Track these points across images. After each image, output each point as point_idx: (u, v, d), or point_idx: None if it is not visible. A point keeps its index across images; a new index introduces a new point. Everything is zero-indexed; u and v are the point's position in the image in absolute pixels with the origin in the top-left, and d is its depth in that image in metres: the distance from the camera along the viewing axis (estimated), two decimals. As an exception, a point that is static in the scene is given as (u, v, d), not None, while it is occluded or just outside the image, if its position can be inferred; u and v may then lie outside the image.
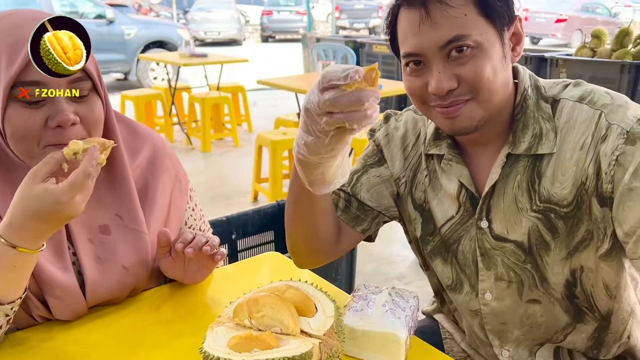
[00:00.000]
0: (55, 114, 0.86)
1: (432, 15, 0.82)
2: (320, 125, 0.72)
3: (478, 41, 0.82)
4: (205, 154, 5.07)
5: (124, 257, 0.99)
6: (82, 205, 0.81)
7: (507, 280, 0.95)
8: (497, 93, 0.86)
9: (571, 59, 4.23)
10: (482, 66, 0.83)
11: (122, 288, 1.00)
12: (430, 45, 0.83)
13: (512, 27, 0.88)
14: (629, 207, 0.81)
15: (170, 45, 8.46)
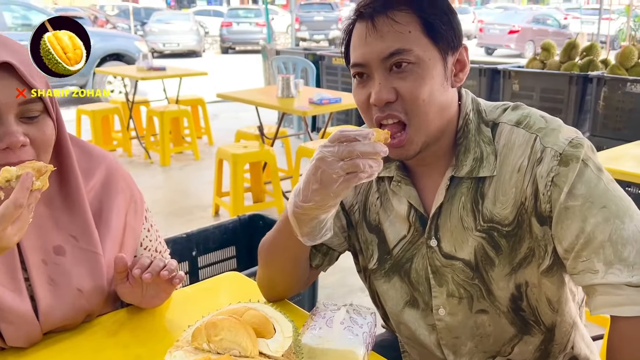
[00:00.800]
0: (4, 136, 0.84)
1: (378, 28, 0.87)
2: (335, 169, 0.80)
3: (419, 57, 0.86)
4: (164, 168, 5.00)
5: (78, 280, 0.97)
6: (16, 237, 0.79)
7: (458, 296, 0.98)
8: (433, 116, 0.89)
9: (522, 71, 4.38)
10: (420, 84, 0.86)
11: (77, 312, 0.98)
12: (374, 56, 0.87)
13: (457, 54, 0.91)
14: (567, 225, 0.86)
15: (128, 57, 8.32)
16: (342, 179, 0.80)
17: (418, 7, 0.87)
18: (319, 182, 0.82)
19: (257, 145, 3.73)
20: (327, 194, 0.83)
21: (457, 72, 0.92)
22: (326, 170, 0.81)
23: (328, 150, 0.81)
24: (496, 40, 15.81)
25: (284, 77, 3.78)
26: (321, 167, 0.82)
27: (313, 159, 0.84)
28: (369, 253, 1.06)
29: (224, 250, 2.43)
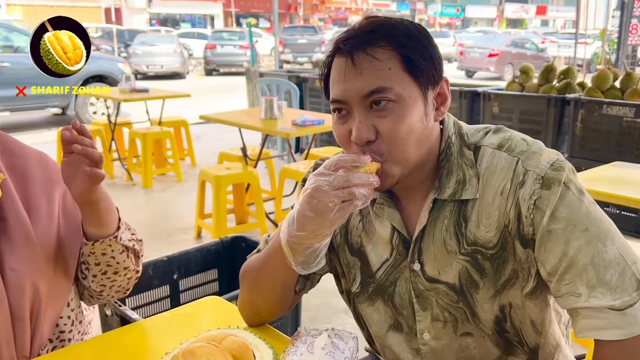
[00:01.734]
0: None
1: (357, 65, 0.86)
2: (331, 198, 0.82)
3: (400, 95, 0.86)
4: (146, 190, 4.96)
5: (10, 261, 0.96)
6: None
7: (443, 320, 0.98)
8: (411, 152, 0.89)
9: (502, 94, 4.47)
10: (399, 123, 0.86)
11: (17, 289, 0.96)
12: (354, 94, 0.86)
13: (438, 88, 0.91)
14: (550, 248, 0.86)
15: (111, 79, 8.30)
16: (337, 207, 0.82)
17: (398, 43, 0.86)
18: (314, 211, 0.83)
19: (240, 167, 3.72)
20: (322, 223, 0.84)
21: (438, 106, 0.92)
22: (322, 199, 0.82)
23: (323, 179, 0.83)
24: (476, 63, 16.12)
25: (267, 99, 3.80)
26: (316, 196, 0.83)
27: (307, 188, 0.84)
28: (351, 277, 1.05)
29: (205, 273, 2.41)
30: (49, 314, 1.01)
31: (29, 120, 8.61)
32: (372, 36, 0.87)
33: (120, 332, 1.09)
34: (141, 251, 1.14)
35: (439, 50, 0.92)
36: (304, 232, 0.85)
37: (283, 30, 19.10)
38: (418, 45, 0.88)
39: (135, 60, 15.21)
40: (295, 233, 0.86)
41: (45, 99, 7.90)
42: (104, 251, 1.04)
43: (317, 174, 0.84)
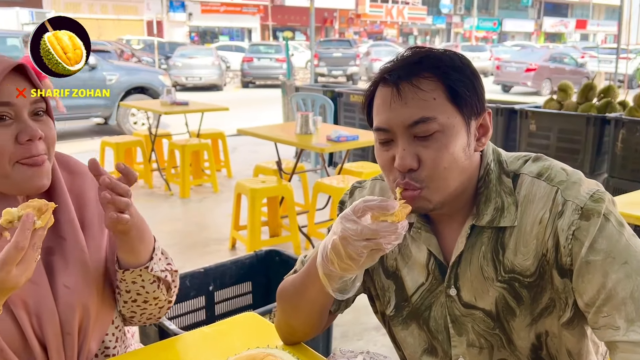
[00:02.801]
0: (25, 130, 0.92)
1: (402, 95, 0.88)
2: (359, 249, 0.84)
3: (444, 124, 0.87)
4: (183, 200, 5.08)
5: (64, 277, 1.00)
6: (22, 277, 0.80)
7: (479, 346, 0.98)
8: (452, 181, 0.90)
9: (540, 112, 4.41)
10: (443, 153, 0.88)
11: (68, 307, 0.99)
12: (398, 123, 0.89)
13: (480, 119, 0.93)
14: (588, 279, 0.86)
15: (152, 90, 8.50)
16: (365, 254, 0.85)
17: (443, 74, 0.88)
18: (343, 257, 0.86)
19: (275, 180, 3.78)
20: (351, 266, 0.87)
21: (479, 137, 0.94)
22: (348, 249, 0.85)
23: (351, 228, 0.84)
24: (513, 78, 15.89)
25: (303, 114, 3.86)
26: (344, 245, 0.85)
27: (335, 233, 0.87)
28: (385, 299, 1.07)
29: (240, 286, 2.46)
30: (97, 330, 1.05)
31: (73, 129, 8.91)
32: (418, 67, 0.89)
33: (160, 346, 1.13)
34: (174, 282, 1.13)
35: (482, 81, 0.94)
36: (335, 269, 0.88)
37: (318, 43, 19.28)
38: (462, 77, 0.89)
39: (174, 72, 15.60)
40: (330, 267, 0.89)
41: (89, 109, 8.17)
42: (134, 280, 1.06)
43: (345, 219, 0.85)
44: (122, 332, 1.14)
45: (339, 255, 0.86)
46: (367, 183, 1.13)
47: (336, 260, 0.87)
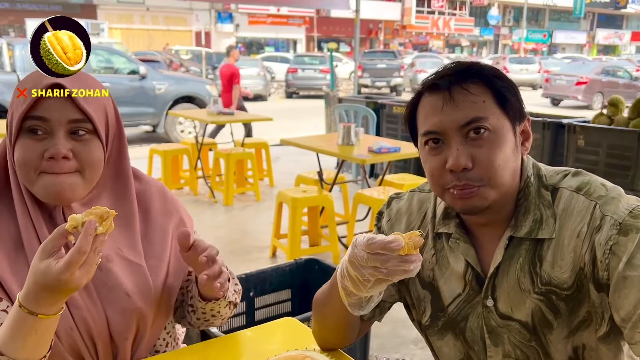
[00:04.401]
0: (51, 147, 0.96)
1: (454, 98, 0.92)
2: (365, 276, 0.86)
3: (494, 125, 0.92)
4: (227, 208, 5.19)
5: (125, 285, 1.05)
6: (84, 279, 0.86)
7: (515, 357, 0.99)
8: (507, 180, 0.93)
9: (588, 126, 4.30)
10: (495, 152, 0.91)
11: (127, 314, 1.04)
12: (451, 124, 0.92)
13: (522, 125, 0.98)
14: (625, 294, 0.86)
15: (199, 100, 8.73)
16: (371, 281, 0.86)
17: (488, 80, 0.94)
18: (352, 281, 0.89)
19: (316, 190, 3.83)
20: (360, 290, 0.89)
21: (523, 142, 0.98)
22: (356, 273, 0.87)
23: (359, 256, 0.85)
24: (563, 91, 15.49)
25: (346, 125, 3.90)
26: (353, 268, 0.87)
27: (346, 258, 0.90)
28: (421, 309, 1.09)
29: (280, 293, 2.50)
30: (149, 336, 1.11)
31: (123, 136, 9.23)
32: (466, 74, 0.94)
33: (203, 346, 1.18)
34: (239, 298, 1.21)
35: (519, 91, 0.98)
36: (348, 285, 0.91)
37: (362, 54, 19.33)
38: (505, 84, 0.95)
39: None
40: (343, 282, 0.92)
41: (138, 117, 8.45)
42: (212, 307, 1.14)
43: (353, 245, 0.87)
44: (172, 338, 1.20)
45: (349, 276, 0.89)
46: (404, 195, 1.15)
47: (348, 279, 0.90)
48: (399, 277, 0.85)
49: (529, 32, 37.85)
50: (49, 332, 0.91)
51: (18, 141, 0.97)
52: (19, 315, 0.87)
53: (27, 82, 0.98)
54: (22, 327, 0.87)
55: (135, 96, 8.30)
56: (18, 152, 0.97)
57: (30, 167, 0.97)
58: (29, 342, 0.88)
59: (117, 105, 1.11)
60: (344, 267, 0.91)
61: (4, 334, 0.88)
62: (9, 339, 0.88)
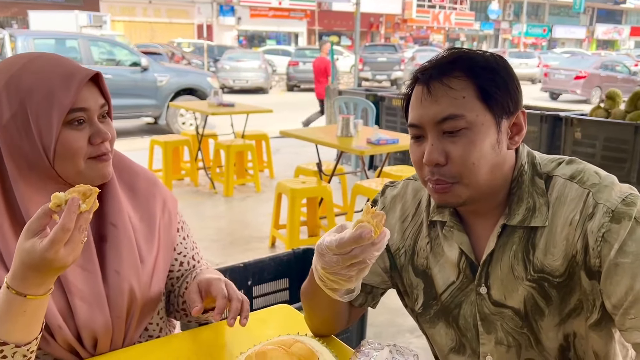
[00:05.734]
0: (98, 133, 1.02)
1: (432, 93, 0.92)
2: (347, 275, 0.85)
3: (472, 122, 0.90)
4: (227, 199, 5.23)
5: (115, 263, 1.07)
6: (70, 257, 0.84)
7: (507, 344, 1.00)
8: (482, 177, 0.92)
9: (585, 119, 4.33)
10: (470, 149, 0.90)
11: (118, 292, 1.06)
12: (428, 119, 0.92)
13: (513, 118, 0.94)
14: (616, 281, 0.87)
15: (200, 92, 8.76)
16: (354, 275, 0.85)
17: (474, 74, 0.91)
18: (337, 283, 0.88)
19: (315, 181, 3.87)
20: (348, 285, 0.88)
21: (512, 135, 0.95)
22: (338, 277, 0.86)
23: (333, 261, 0.84)
24: (561, 85, 15.48)
25: (344, 117, 3.93)
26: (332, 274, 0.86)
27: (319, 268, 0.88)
28: (413, 296, 1.09)
29: (277, 282, 2.53)
30: (142, 316, 1.13)
31: (125, 128, 9.27)
32: (450, 67, 0.92)
33: (199, 330, 1.20)
34: None
35: (518, 82, 0.96)
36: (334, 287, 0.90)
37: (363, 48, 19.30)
38: (495, 77, 0.92)
39: (222, 74, 15.97)
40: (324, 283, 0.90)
41: (140, 109, 8.48)
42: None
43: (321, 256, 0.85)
44: (165, 323, 1.23)
45: (332, 280, 0.88)
46: (399, 183, 1.16)
47: (331, 284, 0.89)
48: (376, 257, 0.85)
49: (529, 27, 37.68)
50: (38, 314, 0.90)
51: (62, 134, 0.99)
52: (7, 297, 0.86)
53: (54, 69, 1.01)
54: (10, 309, 0.87)
55: (136, 88, 8.32)
56: (65, 144, 1.00)
57: (79, 155, 1.01)
58: (19, 324, 0.88)
59: (119, 97, 1.16)
60: (322, 276, 0.89)
61: None
62: (0, 321, 0.87)
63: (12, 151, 0.99)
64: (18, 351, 0.89)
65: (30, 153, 0.99)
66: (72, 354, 1.05)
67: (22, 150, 0.99)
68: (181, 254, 1.24)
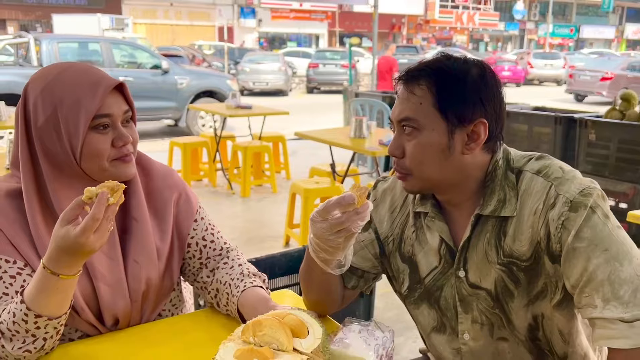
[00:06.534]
0: (120, 137, 1.14)
1: (400, 95, 1.06)
2: (335, 242, 1.00)
3: (423, 126, 1.02)
4: (244, 199, 5.35)
5: (134, 253, 1.19)
6: (98, 242, 0.97)
7: (481, 322, 1.10)
8: (433, 174, 1.05)
9: (600, 121, 4.32)
10: (419, 149, 1.03)
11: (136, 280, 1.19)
12: (394, 117, 1.07)
13: (471, 126, 1.02)
14: (573, 264, 0.98)
15: (220, 94, 8.88)
16: (341, 242, 1.01)
17: (437, 84, 1.02)
18: (327, 252, 1.03)
19: (329, 182, 3.95)
20: (337, 254, 1.04)
21: (469, 142, 1.03)
22: (327, 244, 1.01)
23: (323, 228, 1.00)
24: (587, 87, 15.26)
25: (358, 118, 4.01)
26: (322, 241, 1.02)
27: (311, 232, 1.03)
28: (399, 280, 1.20)
29: (288, 277, 2.62)
30: (157, 302, 1.26)
31: (146, 129, 9.47)
32: (417, 74, 1.04)
33: (208, 311, 1.31)
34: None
35: (490, 93, 1.03)
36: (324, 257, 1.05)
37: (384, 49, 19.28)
38: (456, 89, 1.01)
39: (243, 77, 16.15)
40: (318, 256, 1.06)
41: (160, 111, 8.66)
42: None
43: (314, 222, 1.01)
44: (178, 310, 1.35)
45: (323, 248, 1.03)
46: (390, 178, 1.26)
47: (322, 252, 1.04)
48: (361, 226, 1.00)
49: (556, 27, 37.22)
50: (68, 292, 1.04)
51: (88, 137, 1.11)
52: (43, 276, 1.00)
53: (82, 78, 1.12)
54: (46, 287, 1.00)
55: (157, 91, 8.51)
56: (90, 146, 1.12)
57: (103, 157, 1.13)
58: (52, 300, 1.02)
59: (140, 100, 1.28)
60: (314, 245, 1.05)
61: (32, 292, 1.02)
62: (36, 297, 1.02)
63: (46, 151, 1.13)
64: (50, 323, 1.03)
65: (61, 153, 1.12)
66: (94, 327, 1.18)
67: (54, 151, 1.12)
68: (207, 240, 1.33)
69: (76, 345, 1.14)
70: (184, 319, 1.30)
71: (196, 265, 1.33)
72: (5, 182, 1.16)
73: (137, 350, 1.13)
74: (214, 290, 1.30)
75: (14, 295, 1.09)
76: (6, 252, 1.09)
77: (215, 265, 1.33)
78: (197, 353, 1.11)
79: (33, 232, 1.11)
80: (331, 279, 1.17)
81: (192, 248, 1.32)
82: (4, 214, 1.11)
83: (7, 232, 1.10)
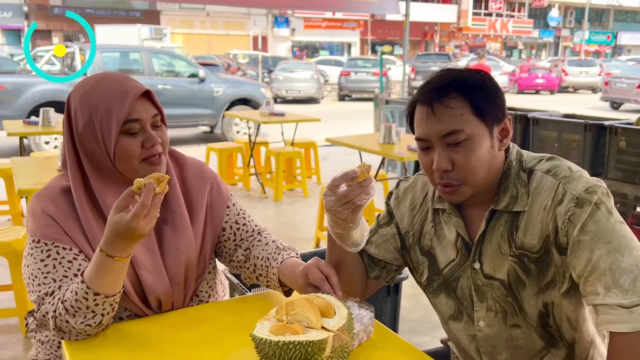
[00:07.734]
0: (150, 139, 1.26)
1: (436, 113, 1.10)
2: (343, 213, 1.13)
3: (470, 134, 1.09)
4: (276, 203, 5.51)
5: (176, 241, 1.32)
6: (147, 227, 1.10)
7: (495, 310, 1.20)
8: (482, 176, 1.12)
9: (630, 128, 4.31)
10: (471, 156, 1.10)
11: (178, 264, 1.31)
12: (434, 134, 1.11)
13: (502, 124, 1.14)
14: (579, 255, 1.07)
15: (254, 102, 9.07)
16: (348, 213, 1.13)
17: (467, 93, 1.10)
18: (338, 225, 1.16)
19: (358, 187, 4.05)
20: (347, 227, 1.17)
21: (502, 138, 1.15)
22: (337, 216, 1.14)
23: (331, 200, 1.13)
24: (623, 94, 14.91)
25: (387, 125, 4.11)
26: (333, 214, 1.14)
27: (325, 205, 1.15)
28: (419, 272, 1.31)
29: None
30: (194, 282, 1.39)
31: (183, 136, 9.77)
32: (447, 89, 1.11)
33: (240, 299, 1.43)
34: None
35: (501, 92, 1.15)
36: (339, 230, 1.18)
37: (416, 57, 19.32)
38: (484, 93, 1.11)
39: (276, 85, 16.39)
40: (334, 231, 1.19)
41: (197, 118, 8.90)
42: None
43: (325, 196, 1.13)
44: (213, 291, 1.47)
45: (335, 222, 1.16)
46: (412, 177, 1.37)
47: (336, 227, 1.16)
48: (366, 200, 1.11)
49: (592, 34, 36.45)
50: (122, 272, 1.17)
51: (120, 140, 1.25)
52: (100, 259, 1.13)
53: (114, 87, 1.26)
54: (102, 268, 1.14)
55: (194, 98, 8.75)
56: (121, 148, 1.24)
57: (134, 157, 1.25)
58: (108, 280, 1.15)
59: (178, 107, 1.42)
60: (330, 221, 1.17)
61: (90, 274, 1.16)
62: (94, 277, 1.14)
63: (87, 153, 1.26)
64: (107, 301, 1.17)
65: (99, 155, 1.26)
66: (140, 310, 1.32)
67: (93, 153, 1.26)
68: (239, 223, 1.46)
69: (126, 324, 1.28)
70: (221, 305, 1.43)
71: (231, 247, 1.46)
72: (59, 181, 1.32)
73: (177, 330, 1.25)
74: (252, 266, 1.43)
75: (72, 278, 1.22)
76: (63, 241, 1.24)
77: (249, 244, 1.45)
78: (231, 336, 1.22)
79: (84, 223, 1.26)
80: (351, 263, 1.28)
81: (226, 232, 1.45)
82: (59, 209, 1.26)
83: (63, 224, 1.25)
